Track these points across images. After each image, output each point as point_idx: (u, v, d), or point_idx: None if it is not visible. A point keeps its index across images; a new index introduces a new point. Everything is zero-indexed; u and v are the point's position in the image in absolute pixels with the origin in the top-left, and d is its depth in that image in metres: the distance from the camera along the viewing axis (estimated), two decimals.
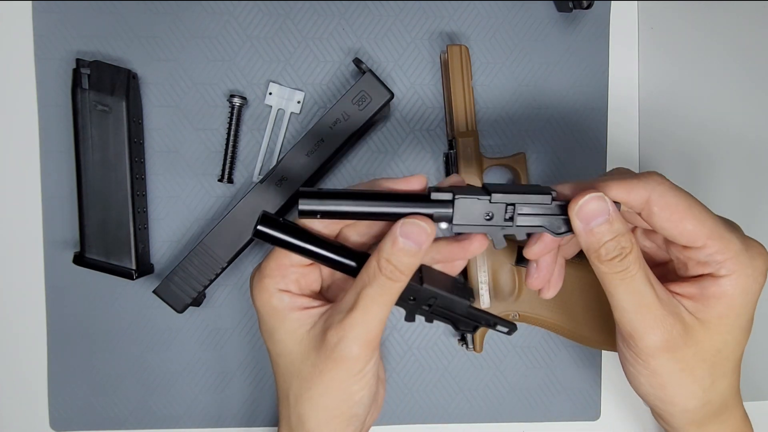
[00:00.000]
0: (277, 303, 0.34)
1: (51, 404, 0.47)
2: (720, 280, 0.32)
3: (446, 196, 0.32)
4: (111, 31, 0.46)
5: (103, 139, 0.43)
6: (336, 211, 0.32)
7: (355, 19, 0.47)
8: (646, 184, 0.32)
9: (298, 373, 0.35)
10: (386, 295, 0.32)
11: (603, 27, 0.47)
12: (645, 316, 0.32)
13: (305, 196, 0.32)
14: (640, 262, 0.32)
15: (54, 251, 0.46)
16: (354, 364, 0.33)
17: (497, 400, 0.48)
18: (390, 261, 0.31)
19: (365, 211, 0.32)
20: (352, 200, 0.32)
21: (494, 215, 0.32)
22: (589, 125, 0.48)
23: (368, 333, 0.32)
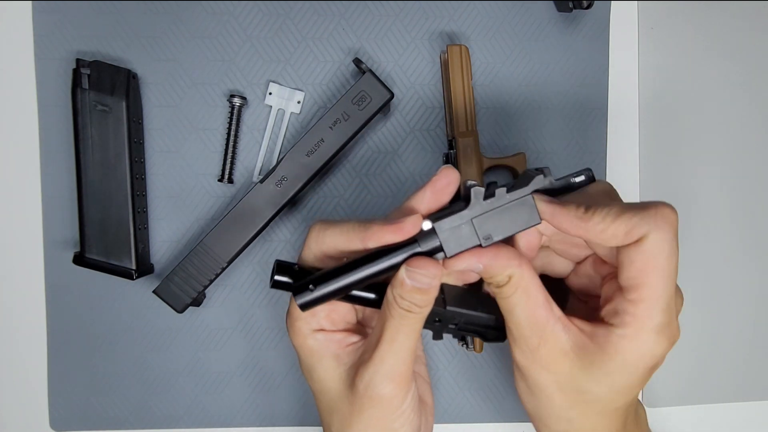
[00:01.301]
0: (312, 344, 0.34)
1: (51, 404, 0.47)
2: (612, 336, 0.31)
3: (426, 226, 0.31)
4: (111, 31, 0.46)
5: (103, 139, 0.43)
6: (332, 291, 0.32)
7: (355, 19, 0.47)
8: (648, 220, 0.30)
9: (337, 410, 0.34)
10: (408, 326, 0.32)
11: (603, 27, 0.47)
12: (513, 332, 0.33)
13: (298, 291, 0.32)
14: (516, 287, 0.32)
15: (54, 251, 0.46)
16: (389, 403, 0.33)
17: (497, 400, 0.48)
18: (404, 298, 0.31)
19: (359, 278, 0.31)
20: (342, 275, 0.32)
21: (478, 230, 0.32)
22: (589, 125, 0.48)
23: (397, 368, 0.32)
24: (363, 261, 0.32)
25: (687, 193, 0.48)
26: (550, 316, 0.32)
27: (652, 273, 0.30)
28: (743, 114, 0.49)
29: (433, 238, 0.31)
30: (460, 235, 0.31)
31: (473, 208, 0.31)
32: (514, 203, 0.31)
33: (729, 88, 0.48)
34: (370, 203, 0.47)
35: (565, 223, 0.31)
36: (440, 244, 0.31)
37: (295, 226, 0.47)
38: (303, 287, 0.32)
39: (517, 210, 0.31)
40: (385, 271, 0.31)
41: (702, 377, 0.34)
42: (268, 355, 0.48)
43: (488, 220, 0.31)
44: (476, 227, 0.31)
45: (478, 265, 0.31)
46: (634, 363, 0.31)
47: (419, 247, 0.31)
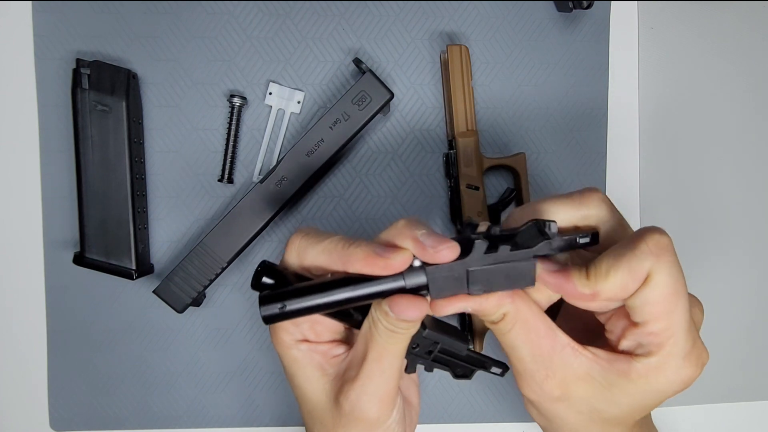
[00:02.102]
0: (296, 353, 0.33)
1: (51, 404, 0.47)
2: (636, 365, 0.30)
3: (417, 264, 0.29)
4: (111, 31, 0.46)
5: (103, 139, 0.43)
6: (302, 309, 0.30)
7: (355, 19, 0.47)
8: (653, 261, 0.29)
9: (320, 421, 0.34)
10: (394, 345, 0.31)
11: (603, 27, 0.47)
12: (517, 368, 0.32)
13: (265, 302, 0.30)
14: (513, 323, 0.31)
15: (54, 251, 0.46)
16: (376, 422, 0.32)
17: (497, 400, 0.48)
18: (388, 322, 0.30)
19: (334, 301, 0.30)
20: (316, 295, 0.30)
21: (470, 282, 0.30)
22: (589, 125, 0.48)
23: (383, 387, 0.32)
24: (341, 283, 0.30)
25: (687, 193, 0.48)
26: (555, 344, 0.31)
27: (667, 304, 0.29)
28: (743, 114, 0.49)
29: (419, 275, 0.29)
30: (450, 282, 0.29)
31: (472, 260, 0.29)
32: (515, 263, 0.29)
33: (729, 88, 0.48)
34: (370, 203, 0.47)
35: (572, 297, 0.30)
36: (426, 284, 0.29)
37: (295, 226, 0.47)
38: (270, 299, 0.30)
39: (515, 269, 0.29)
40: (364, 299, 0.30)
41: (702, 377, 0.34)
42: (268, 355, 0.48)
43: (483, 273, 0.29)
44: (469, 278, 0.29)
45: (466, 308, 0.30)
46: (661, 388, 0.31)
47: (404, 282, 0.29)
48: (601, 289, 0.29)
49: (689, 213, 0.48)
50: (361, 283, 0.29)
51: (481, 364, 0.37)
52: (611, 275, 0.29)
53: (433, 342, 0.35)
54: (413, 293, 0.29)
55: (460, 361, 0.36)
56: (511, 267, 0.29)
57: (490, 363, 0.37)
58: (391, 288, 0.29)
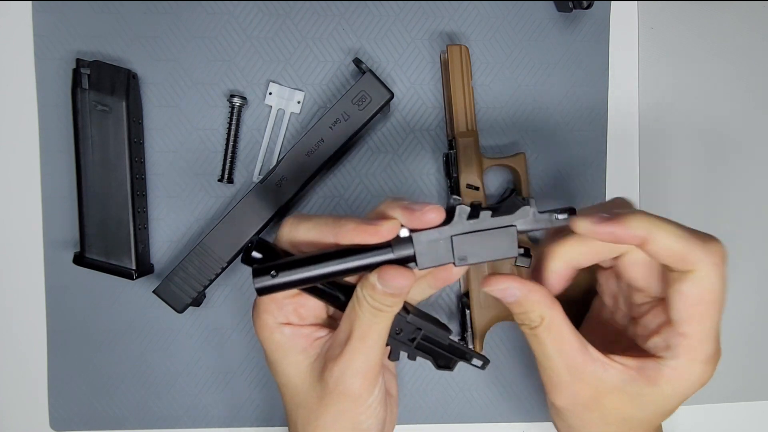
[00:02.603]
0: (279, 337, 0.34)
1: (51, 404, 0.47)
2: (663, 368, 0.32)
3: (404, 233, 0.30)
4: (111, 31, 0.46)
5: (103, 139, 0.43)
6: (294, 281, 0.31)
7: (355, 19, 0.47)
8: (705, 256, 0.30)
9: (304, 404, 0.35)
10: (379, 323, 0.32)
11: (603, 27, 0.47)
12: (551, 378, 0.33)
13: (258, 273, 0.31)
14: (549, 330, 0.32)
15: (54, 251, 0.46)
16: (358, 397, 0.33)
17: (497, 400, 0.48)
18: (374, 299, 0.31)
19: (325, 273, 0.31)
20: (307, 266, 0.31)
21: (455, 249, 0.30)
22: (589, 125, 0.48)
23: (367, 364, 0.32)
24: (332, 256, 0.31)
25: (687, 193, 0.48)
26: (587, 359, 0.32)
27: (705, 307, 0.30)
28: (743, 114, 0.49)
29: (407, 246, 0.30)
30: (436, 250, 0.30)
31: (455, 225, 0.30)
32: (496, 231, 0.30)
33: (729, 88, 0.48)
34: (370, 203, 0.47)
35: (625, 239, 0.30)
36: (413, 255, 0.30)
37: None
38: (264, 271, 0.31)
39: (498, 237, 0.30)
40: (353, 271, 0.31)
41: None
42: None
43: (467, 241, 0.30)
44: (454, 246, 0.30)
45: (516, 292, 0.31)
46: (683, 391, 0.32)
47: (392, 254, 0.30)
48: (655, 236, 0.30)
49: (689, 213, 0.48)
50: (351, 255, 0.30)
51: (462, 355, 0.37)
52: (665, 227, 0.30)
53: (416, 328, 0.35)
54: (400, 263, 0.30)
55: (443, 351, 0.37)
56: (492, 234, 0.30)
57: (472, 354, 0.37)
58: (380, 260, 0.30)
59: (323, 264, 0.31)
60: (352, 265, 0.30)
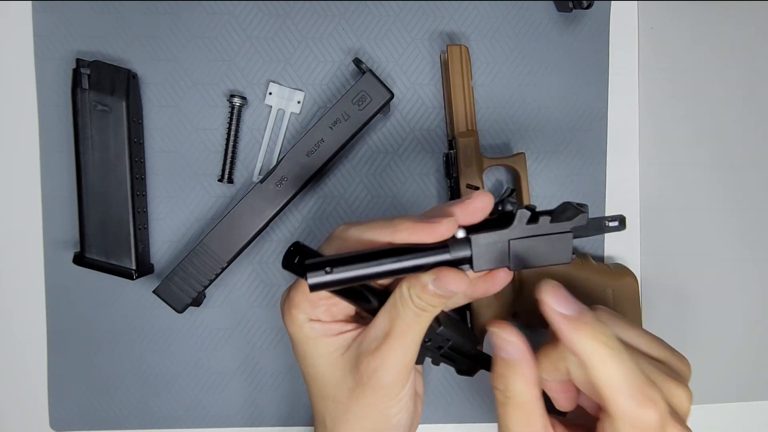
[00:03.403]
0: (308, 332, 0.34)
1: (51, 404, 0.47)
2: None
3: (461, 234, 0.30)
4: (111, 31, 0.46)
5: (103, 139, 0.43)
6: (349, 278, 0.30)
7: (355, 19, 0.47)
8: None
9: (333, 397, 0.34)
10: (420, 323, 0.32)
11: (603, 27, 0.47)
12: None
13: (312, 269, 0.29)
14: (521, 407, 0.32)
15: (54, 251, 0.46)
16: (391, 390, 0.33)
17: None
18: (421, 299, 0.31)
19: (379, 271, 0.30)
20: (362, 263, 0.30)
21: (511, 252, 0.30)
22: (589, 125, 0.48)
23: (403, 360, 0.32)
24: (386, 254, 0.30)
25: (687, 192, 0.48)
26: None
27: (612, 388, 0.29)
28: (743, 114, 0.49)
29: (464, 248, 0.30)
30: (492, 253, 0.30)
31: (514, 229, 0.30)
32: (554, 236, 0.30)
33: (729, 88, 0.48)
34: (370, 203, 0.47)
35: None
36: (470, 256, 0.30)
37: (295, 226, 0.47)
38: (318, 266, 0.29)
39: (554, 243, 0.30)
40: (408, 270, 0.30)
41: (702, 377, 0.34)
42: (268, 355, 0.48)
43: (523, 246, 0.30)
44: (510, 249, 0.30)
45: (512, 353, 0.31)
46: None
47: (449, 255, 0.30)
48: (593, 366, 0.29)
49: (690, 212, 0.48)
50: (408, 254, 0.30)
51: (485, 365, 0.37)
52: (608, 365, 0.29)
53: (445, 339, 0.35)
54: (455, 265, 0.30)
55: (467, 359, 0.37)
56: (550, 240, 0.30)
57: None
58: (436, 260, 0.30)
59: (378, 262, 0.30)
60: (407, 264, 0.30)
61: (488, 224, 0.31)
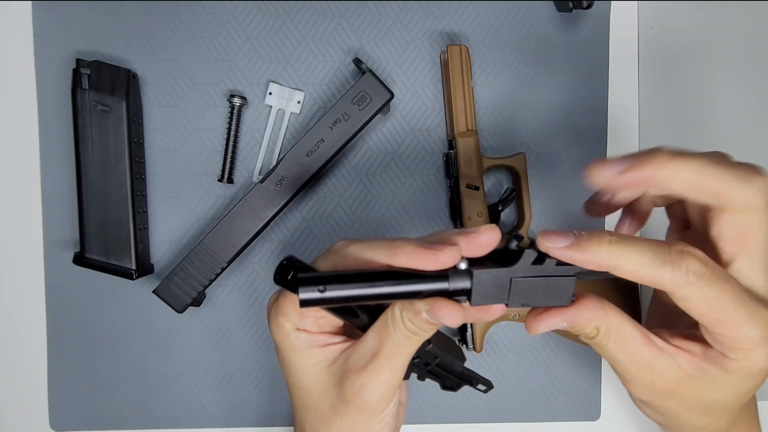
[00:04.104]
0: (294, 341, 0.34)
1: (51, 404, 0.47)
2: (728, 360, 0.31)
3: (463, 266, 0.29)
4: (111, 31, 0.46)
5: (103, 139, 0.43)
6: (342, 298, 0.29)
7: (355, 19, 0.47)
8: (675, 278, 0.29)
9: (315, 408, 0.34)
10: (411, 346, 0.32)
11: (603, 27, 0.47)
12: (623, 375, 0.33)
13: (305, 283, 0.28)
14: (608, 336, 0.31)
15: (54, 251, 0.46)
16: (375, 409, 0.33)
17: (497, 400, 0.48)
18: (414, 324, 0.31)
19: (374, 294, 0.29)
20: (358, 284, 0.29)
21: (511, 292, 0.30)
22: (589, 125, 0.48)
23: (390, 381, 0.32)
24: (383, 276, 0.29)
25: None
26: (654, 351, 0.32)
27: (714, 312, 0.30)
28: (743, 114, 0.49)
29: (464, 280, 0.29)
30: (492, 289, 0.29)
31: (517, 269, 0.29)
32: (557, 279, 0.30)
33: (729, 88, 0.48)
34: (370, 203, 0.47)
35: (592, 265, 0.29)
36: (470, 290, 0.29)
37: (295, 226, 0.47)
38: (312, 282, 0.29)
39: (556, 285, 0.30)
40: (403, 296, 0.29)
41: None
42: (268, 355, 0.48)
43: (524, 284, 0.29)
44: (512, 287, 0.29)
45: (562, 323, 0.31)
46: (756, 373, 0.31)
47: (448, 284, 0.29)
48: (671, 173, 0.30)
49: None
50: (405, 279, 0.29)
51: (469, 381, 0.38)
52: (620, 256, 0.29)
53: (433, 356, 0.35)
54: (451, 297, 0.29)
55: (452, 376, 0.37)
56: (552, 282, 0.30)
57: (477, 380, 0.38)
58: (435, 289, 0.29)
59: (373, 284, 0.29)
60: (404, 289, 0.29)
61: (492, 257, 0.30)
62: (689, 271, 0.29)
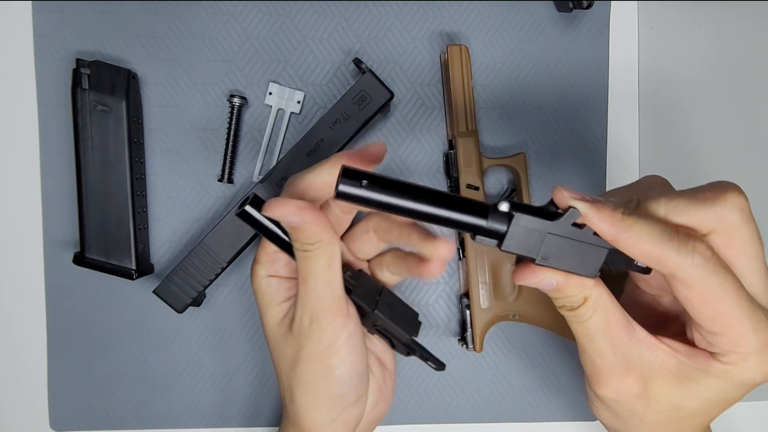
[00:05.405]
0: (265, 288, 0.36)
1: (51, 404, 0.47)
2: (715, 362, 0.30)
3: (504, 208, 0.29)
4: (111, 31, 0.46)
5: (103, 139, 0.43)
6: (377, 201, 0.28)
7: (355, 19, 0.47)
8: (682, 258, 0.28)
9: (283, 355, 0.36)
10: (312, 264, 0.33)
11: (603, 27, 0.47)
12: (596, 363, 0.31)
13: (348, 176, 0.28)
14: (594, 309, 0.30)
15: (54, 251, 0.46)
16: (319, 338, 0.34)
17: (497, 400, 0.48)
18: (297, 240, 0.33)
19: (409, 208, 0.28)
20: (399, 193, 0.28)
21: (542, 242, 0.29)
22: (589, 125, 0.48)
23: (316, 303, 0.33)
24: (425, 195, 0.28)
25: None
26: (632, 337, 0.31)
27: (716, 304, 0.28)
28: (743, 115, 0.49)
29: (502, 222, 0.29)
30: (526, 239, 0.29)
31: (558, 226, 0.29)
32: (590, 247, 0.29)
33: (729, 88, 0.48)
34: None
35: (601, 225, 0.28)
36: (504, 233, 0.29)
37: None
38: (354, 176, 0.28)
39: (587, 254, 0.29)
40: (439, 220, 0.29)
41: None
42: (268, 355, 0.48)
43: (558, 244, 0.29)
44: (545, 242, 0.29)
45: (552, 282, 0.30)
46: (741, 384, 0.30)
47: (485, 222, 0.29)
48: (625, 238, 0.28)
49: None
50: (445, 203, 0.29)
51: (420, 354, 0.38)
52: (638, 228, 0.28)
53: (378, 320, 0.36)
54: (485, 235, 0.29)
55: (401, 344, 0.38)
56: (585, 249, 0.29)
57: (428, 357, 0.38)
58: (471, 222, 0.29)
59: (413, 200, 0.28)
60: (440, 213, 0.29)
61: (532, 210, 0.29)
62: (695, 252, 0.28)
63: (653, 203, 0.29)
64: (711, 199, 0.29)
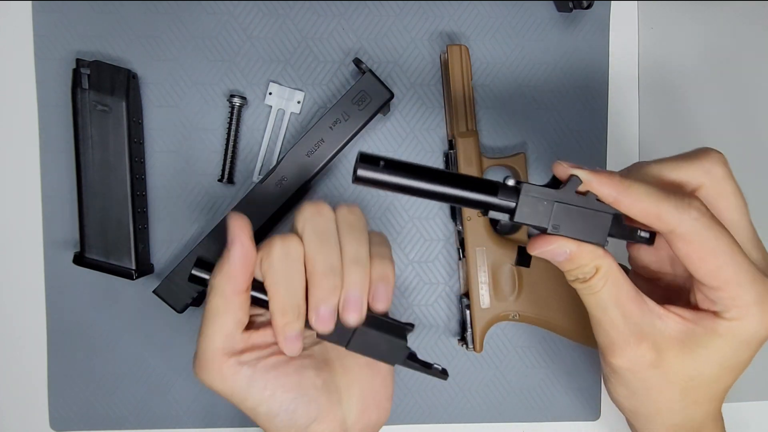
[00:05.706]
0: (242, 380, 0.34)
1: (51, 404, 0.47)
2: (720, 320, 0.31)
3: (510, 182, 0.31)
4: (111, 31, 0.46)
5: (103, 139, 0.43)
6: (394, 183, 0.29)
7: (355, 19, 0.47)
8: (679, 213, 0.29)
9: None
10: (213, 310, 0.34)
11: (603, 27, 0.47)
12: (610, 334, 0.32)
13: (366, 161, 0.29)
14: (606, 279, 0.31)
15: (54, 251, 0.46)
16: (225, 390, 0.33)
17: (497, 400, 0.48)
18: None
19: (425, 188, 0.30)
20: (414, 173, 0.30)
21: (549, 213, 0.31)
22: (589, 125, 0.48)
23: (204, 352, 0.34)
24: (438, 176, 0.30)
25: None
26: (644, 310, 0.31)
27: (713, 257, 0.30)
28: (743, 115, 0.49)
29: (511, 197, 0.30)
30: (535, 209, 0.30)
31: (564, 192, 0.30)
32: (595, 214, 0.30)
33: (729, 89, 0.48)
34: (370, 203, 0.47)
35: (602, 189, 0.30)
36: (515, 207, 0.30)
37: None
38: (373, 160, 0.29)
39: (593, 220, 0.30)
40: (452, 198, 0.30)
41: None
42: None
43: (566, 212, 0.30)
44: (553, 211, 0.30)
45: (566, 251, 0.30)
46: (747, 340, 0.31)
47: (496, 198, 0.30)
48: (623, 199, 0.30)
49: None
50: (456, 184, 0.30)
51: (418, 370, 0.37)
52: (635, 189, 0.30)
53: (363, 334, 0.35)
54: (497, 210, 0.30)
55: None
56: (590, 216, 0.30)
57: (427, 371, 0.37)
58: (483, 199, 0.30)
59: (428, 181, 0.30)
60: (454, 192, 0.30)
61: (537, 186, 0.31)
62: (692, 206, 0.29)
63: (645, 167, 0.32)
64: (697, 156, 0.32)
